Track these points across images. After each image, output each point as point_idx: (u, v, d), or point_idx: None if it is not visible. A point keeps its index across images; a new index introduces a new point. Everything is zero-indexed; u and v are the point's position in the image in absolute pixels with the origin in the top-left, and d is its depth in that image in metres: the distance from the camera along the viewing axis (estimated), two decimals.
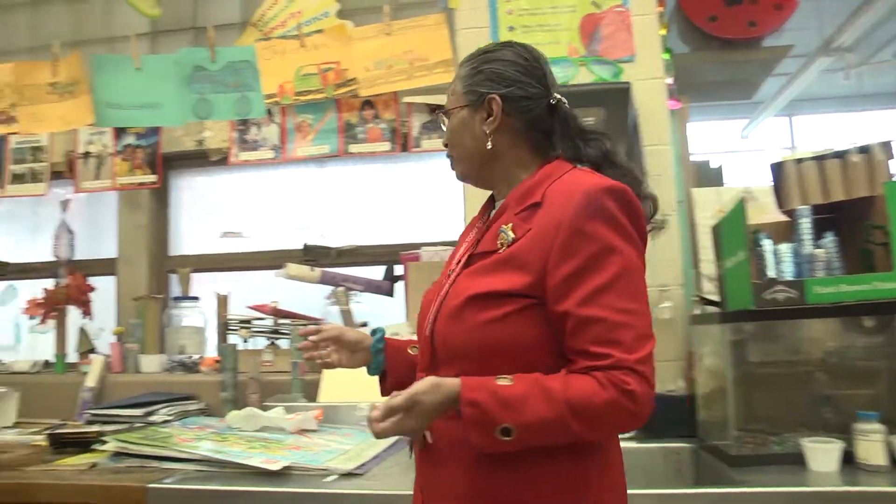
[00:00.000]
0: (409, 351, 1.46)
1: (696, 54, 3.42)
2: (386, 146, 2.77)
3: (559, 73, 2.48)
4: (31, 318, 3.03)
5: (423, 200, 2.97)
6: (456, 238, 1.48)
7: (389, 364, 1.46)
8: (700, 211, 2.51)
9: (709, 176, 2.76)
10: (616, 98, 2.33)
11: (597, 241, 1.15)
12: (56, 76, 2.95)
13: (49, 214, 3.36)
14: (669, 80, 2.50)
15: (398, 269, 2.73)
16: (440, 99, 2.67)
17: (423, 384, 1.14)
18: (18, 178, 3.18)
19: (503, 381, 1.12)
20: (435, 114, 2.74)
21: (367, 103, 2.79)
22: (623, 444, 1.28)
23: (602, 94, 2.35)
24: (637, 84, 2.36)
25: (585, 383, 1.10)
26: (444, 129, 1.38)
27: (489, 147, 1.30)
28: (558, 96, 1.31)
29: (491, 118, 1.29)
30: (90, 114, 2.86)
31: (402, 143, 2.77)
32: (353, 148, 2.79)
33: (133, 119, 2.87)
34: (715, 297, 2.19)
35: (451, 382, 1.13)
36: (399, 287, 2.72)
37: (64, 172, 3.17)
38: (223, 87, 2.77)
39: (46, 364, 3.13)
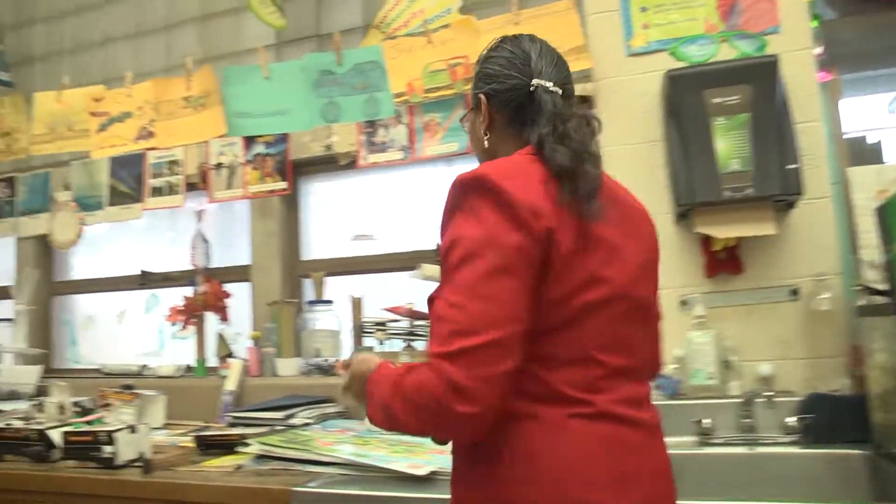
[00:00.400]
0: None
1: (846, 20, 3.17)
2: None
3: (697, 52, 2.38)
4: (173, 324, 3.11)
5: None
6: None
7: None
8: (858, 192, 2.31)
9: (866, 154, 2.54)
10: (762, 74, 2.19)
11: (447, 235, 1.18)
12: (189, 90, 3.03)
13: (184, 226, 3.46)
14: (818, 51, 2.33)
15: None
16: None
17: (360, 357, 1.30)
18: (157, 192, 3.28)
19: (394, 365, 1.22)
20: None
21: None
22: (778, 450, 1.15)
23: (746, 71, 2.21)
24: (783, 57, 2.21)
25: (420, 371, 1.12)
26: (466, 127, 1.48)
27: (486, 146, 1.37)
28: (539, 82, 1.31)
29: (481, 118, 1.36)
30: (222, 124, 2.92)
31: None
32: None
33: (263, 126, 2.90)
34: (882, 286, 2.00)
35: (376, 360, 1.26)
36: None
37: (198, 184, 3.24)
38: (351, 90, 2.76)
39: (188, 368, 3.21)
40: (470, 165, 1.59)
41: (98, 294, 3.79)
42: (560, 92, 1.33)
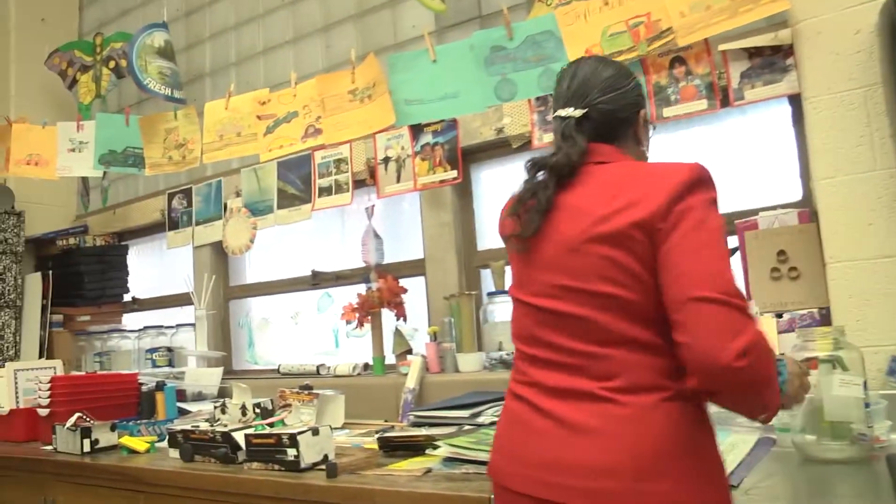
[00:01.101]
0: None
1: None
2: (703, 104, 2.44)
3: None
4: (348, 322, 3.06)
5: (753, 158, 2.60)
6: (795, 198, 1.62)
7: None
8: None
9: None
10: None
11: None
12: (354, 83, 2.97)
13: (353, 223, 3.43)
14: None
15: (732, 241, 2.39)
16: (758, 41, 2.33)
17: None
18: (325, 191, 3.25)
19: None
20: (753, 59, 2.38)
21: (677, 59, 2.49)
22: None
23: None
24: None
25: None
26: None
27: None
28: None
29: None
30: (390, 114, 2.83)
31: (722, 97, 2.43)
32: (667, 111, 2.50)
33: (434, 112, 2.80)
34: None
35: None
36: (735, 262, 2.38)
37: (366, 180, 3.19)
38: (524, 64, 2.59)
39: (365, 367, 3.15)
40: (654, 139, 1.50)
41: (272, 296, 3.83)
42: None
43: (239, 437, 2.22)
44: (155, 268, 4.51)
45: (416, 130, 3.01)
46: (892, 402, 1.70)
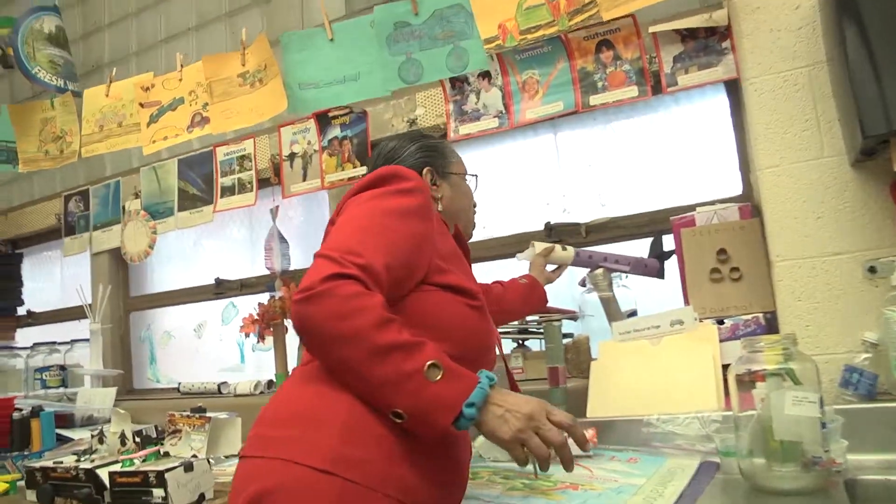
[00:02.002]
0: None
1: None
2: (633, 91, 2.20)
3: None
4: (247, 335, 2.74)
5: (688, 151, 2.37)
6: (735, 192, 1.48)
7: None
8: None
9: None
10: None
11: None
12: (245, 65, 2.65)
13: (262, 226, 3.12)
14: None
15: (667, 242, 2.16)
16: (692, 21, 2.10)
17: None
18: (228, 191, 2.94)
19: None
20: (686, 42, 2.15)
21: (604, 43, 2.25)
22: None
23: None
24: None
25: None
26: None
27: None
28: None
29: None
30: (282, 100, 2.52)
31: (654, 83, 2.19)
32: (594, 100, 2.25)
33: (331, 98, 2.49)
34: None
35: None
36: (671, 264, 2.14)
37: (270, 178, 2.89)
38: (431, 42, 2.31)
39: (269, 384, 2.84)
40: (579, 131, 1.25)
41: (175, 308, 3.49)
42: None
43: (104, 475, 1.90)
44: (54, 278, 4.13)
45: (324, 123, 2.72)
46: (847, 417, 1.47)
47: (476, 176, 1.78)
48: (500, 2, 2.20)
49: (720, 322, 1.90)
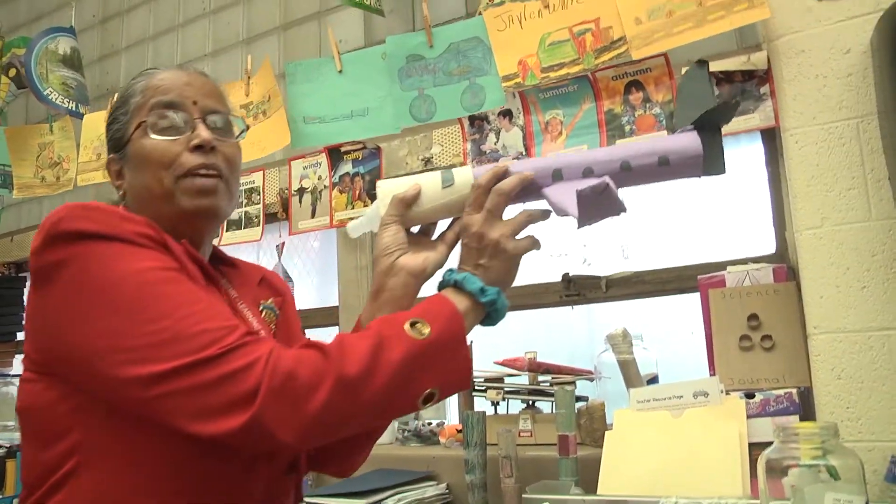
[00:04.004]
0: None
1: None
2: (662, 136, 2.05)
3: None
4: None
5: (719, 201, 2.21)
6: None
7: None
8: None
9: None
10: None
11: None
12: (248, 96, 2.53)
13: (267, 262, 2.99)
14: None
15: (689, 301, 1.99)
16: (729, 64, 1.95)
17: None
18: (234, 224, 2.82)
19: None
20: (722, 86, 2.00)
21: (634, 84, 2.10)
22: None
23: None
24: None
25: None
26: (226, 137, 1.16)
27: None
28: None
29: None
30: (286, 134, 2.39)
31: None
32: (621, 143, 2.10)
33: (336, 133, 2.34)
34: None
35: None
36: (697, 326, 1.96)
37: (278, 213, 2.76)
38: (446, 77, 2.16)
39: None
40: None
41: None
42: None
43: None
44: None
45: (335, 158, 2.59)
46: None
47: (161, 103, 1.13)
48: (521, 36, 2.06)
49: (749, 396, 1.72)
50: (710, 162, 1.11)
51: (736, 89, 1.97)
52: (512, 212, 1.11)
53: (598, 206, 1.02)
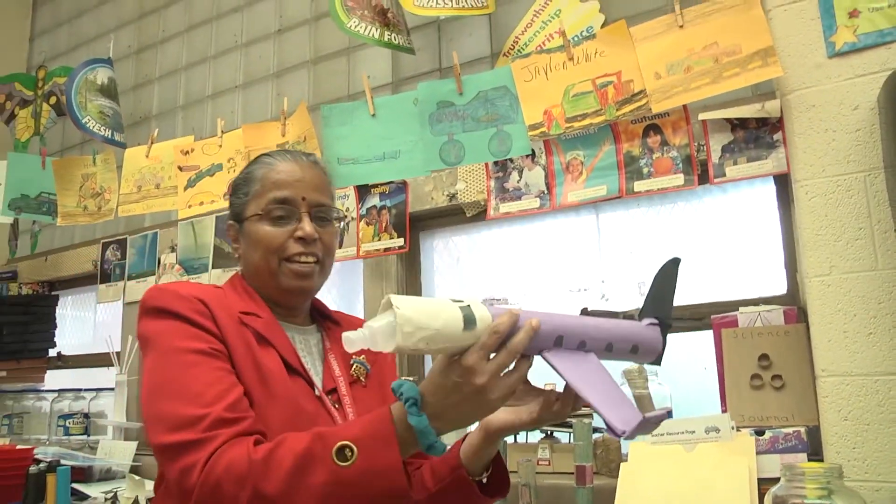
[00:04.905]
0: None
1: None
2: (679, 179, 2.14)
3: None
4: None
5: (733, 244, 2.29)
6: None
7: None
8: None
9: None
10: None
11: None
12: (284, 136, 2.65)
13: None
14: None
15: (702, 337, 2.07)
16: (744, 111, 2.04)
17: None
18: None
19: None
20: (736, 132, 2.09)
21: (652, 128, 2.20)
22: None
23: None
24: None
25: None
26: (326, 227, 1.38)
27: None
28: None
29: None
30: None
31: (701, 173, 2.13)
32: (639, 185, 2.19)
33: (370, 174, 2.47)
34: None
35: None
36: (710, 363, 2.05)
37: None
38: (474, 123, 2.28)
39: None
40: (622, 213, 1.12)
41: None
42: None
43: None
44: (88, 322, 4.14)
45: (363, 192, 2.69)
46: None
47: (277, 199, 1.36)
48: (547, 87, 2.17)
49: (759, 433, 1.81)
50: (660, 355, 1.30)
51: (750, 135, 2.06)
52: None
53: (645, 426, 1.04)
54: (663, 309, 1.31)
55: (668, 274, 1.36)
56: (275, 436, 1.09)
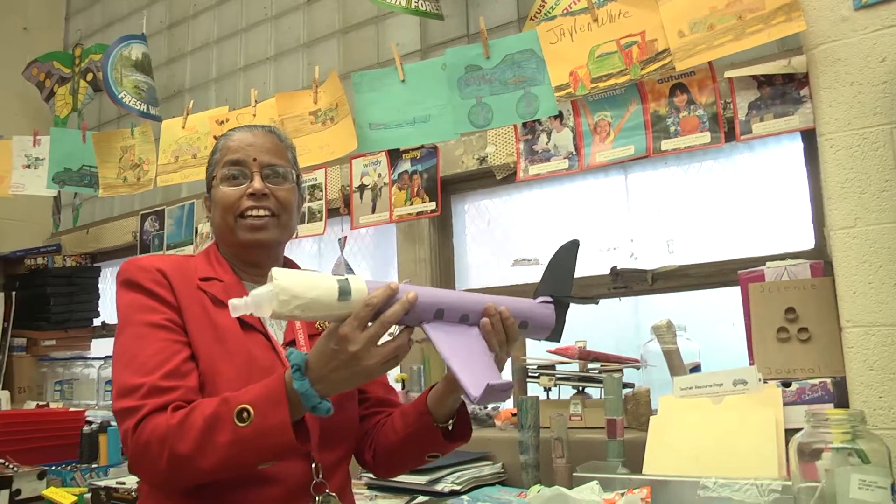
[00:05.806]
0: None
1: None
2: (706, 137, 2.16)
3: None
4: None
5: (761, 201, 2.31)
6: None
7: None
8: None
9: None
10: None
11: None
12: (317, 103, 2.71)
13: (329, 255, 3.17)
14: None
15: (730, 293, 2.10)
16: (769, 68, 2.05)
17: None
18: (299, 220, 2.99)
19: None
20: (763, 88, 2.09)
21: (678, 87, 2.21)
22: None
23: None
24: None
25: None
26: (280, 184, 1.43)
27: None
28: None
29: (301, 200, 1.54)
30: (353, 139, 2.56)
31: (728, 130, 2.14)
32: (666, 144, 2.22)
33: (400, 138, 2.52)
34: None
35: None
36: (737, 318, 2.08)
37: (340, 209, 2.94)
38: (502, 86, 2.32)
39: None
40: (650, 173, 1.15)
41: None
42: None
43: None
44: None
45: (395, 157, 2.75)
46: None
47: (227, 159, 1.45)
48: (572, 48, 2.20)
49: (786, 385, 1.84)
50: (555, 332, 1.39)
51: (777, 91, 2.07)
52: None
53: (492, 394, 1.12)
54: (560, 288, 1.40)
55: (566, 255, 1.44)
56: (231, 388, 1.21)
